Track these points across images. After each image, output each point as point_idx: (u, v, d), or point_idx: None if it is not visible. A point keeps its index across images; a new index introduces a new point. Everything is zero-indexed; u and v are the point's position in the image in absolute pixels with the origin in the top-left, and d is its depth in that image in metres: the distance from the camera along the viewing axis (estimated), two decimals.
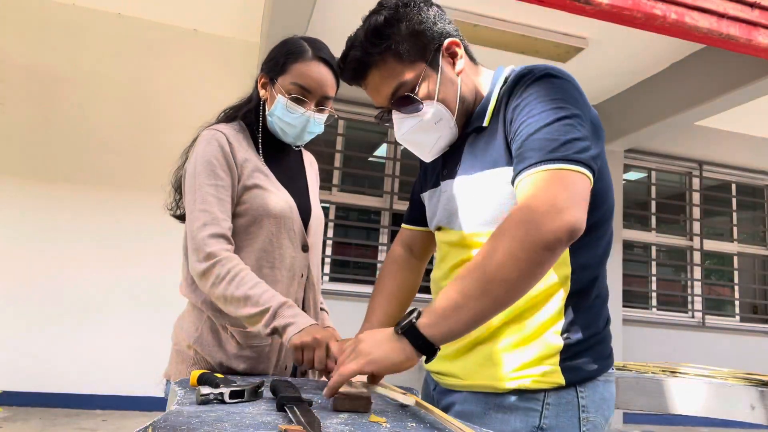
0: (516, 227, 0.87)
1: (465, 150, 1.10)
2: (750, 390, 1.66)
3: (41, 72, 4.40)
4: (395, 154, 5.21)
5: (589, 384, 1.01)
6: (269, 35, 3.77)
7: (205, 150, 1.31)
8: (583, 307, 1.02)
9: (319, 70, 1.35)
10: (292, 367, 1.40)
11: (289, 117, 1.35)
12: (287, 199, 1.36)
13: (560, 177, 0.89)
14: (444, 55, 1.07)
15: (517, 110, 0.99)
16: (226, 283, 1.19)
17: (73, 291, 4.24)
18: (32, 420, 3.73)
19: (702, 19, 3.08)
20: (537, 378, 0.99)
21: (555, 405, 0.99)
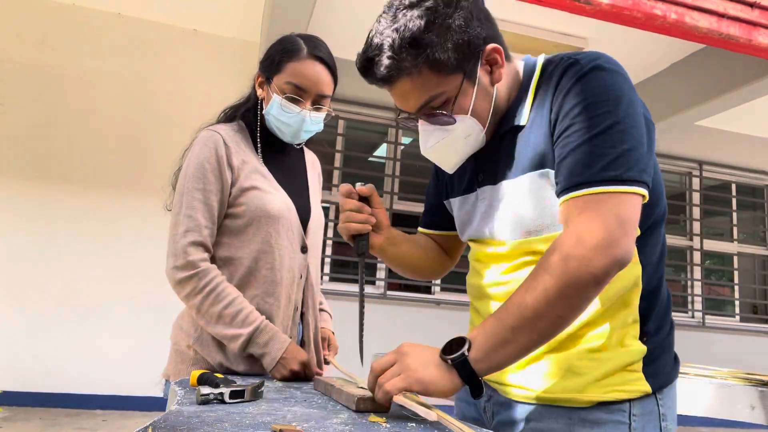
0: (565, 263, 0.82)
1: (503, 152, 1.00)
2: (750, 390, 1.66)
3: (41, 72, 4.40)
4: (395, 154, 5.21)
5: (666, 390, 0.96)
6: (269, 35, 3.77)
7: (200, 153, 1.31)
8: (656, 307, 0.98)
9: (315, 69, 1.34)
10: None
11: (284, 116, 1.34)
12: (285, 200, 1.36)
13: (612, 203, 0.83)
14: (482, 62, 0.96)
15: (563, 110, 0.90)
16: (203, 297, 1.23)
17: (72, 291, 4.23)
18: (32, 420, 3.73)
19: (702, 19, 3.08)
20: (623, 387, 0.92)
21: (641, 415, 0.93)
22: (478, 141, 1.01)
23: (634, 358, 0.93)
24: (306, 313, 1.41)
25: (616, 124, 0.86)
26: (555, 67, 0.96)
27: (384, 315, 4.69)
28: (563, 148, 0.89)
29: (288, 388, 1.12)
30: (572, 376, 0.93)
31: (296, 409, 0.89)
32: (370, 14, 4.60)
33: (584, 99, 0.88)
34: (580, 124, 0.87)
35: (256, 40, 4.81)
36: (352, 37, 4.74)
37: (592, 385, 0.92)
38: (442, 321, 4.96)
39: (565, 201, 0.87)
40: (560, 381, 0.94)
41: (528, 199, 0.96)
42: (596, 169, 0.84)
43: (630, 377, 0.93)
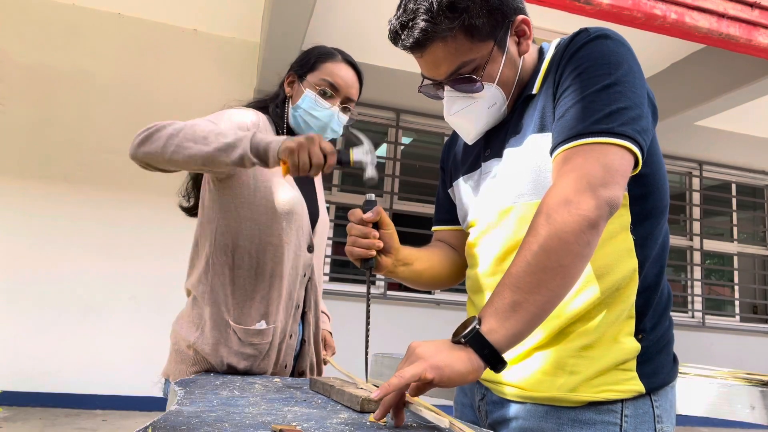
0: (556, 211, 0.81)
1: (512, 123, 1.01)
2: (750, 390, 1.66)
3: (41, 72, 4.40)
4: (395, 154, 5.21)
5: (662, 391, 0.93)
6: (269, 35, 3.77)
7: (231, 111, 1.34)
8: (653, 304, 0.94)
9: (348, 72, 1.43)
10: (292, 366, 1.40)
11: (315, 110, 1.40)
12: (300, 198, 1.38)
13: (598, 152, 0.83)
14: (512, 33, 0.97)
15: (566, 72, 0.92)
16: (188, 130, 1.15)
17: (73, 291, 4.24)
18: (32, 420, 3.73)
19: (702, 19, 3.08)
20: (615, 387, 0.90)
21: (633, 416, 0.90)
22: (500, 112, 1.02)
23: (628, 356, 0.91)
24: (308, 312, 1.41)
25: (614, 84, 0.87)
26: (565, 38, 0.98)
27: (384, 315, 4.69)
28: (560, 108, 0.90)
29: (288, 388, 1.12)
30: (564, 374, 0.91)
31: (296, 409, 0.89)
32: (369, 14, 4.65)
33: (586, 61, 0.90)
34: (578, 84, 0.88)
35: (256, 40, 4.81)
36: (352, 38, 4.75)
37: (583, 385, 0.90)
38: (442, 321, 4.96)
39: (557, 155, 0.88)
40: (552, 379, 0.92)
41: (528, 161, 0.95)
42: (588, 123, 0.85)
43: (623, 376, 0.90)
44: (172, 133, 1.16)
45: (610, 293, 0.92)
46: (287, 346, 1.34)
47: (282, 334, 1.34)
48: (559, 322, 0.92)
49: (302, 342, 1.41)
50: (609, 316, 0.91)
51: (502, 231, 0.99)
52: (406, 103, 5.19)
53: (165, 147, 1.16)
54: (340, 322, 5.71)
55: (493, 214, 1.02)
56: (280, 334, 1.33)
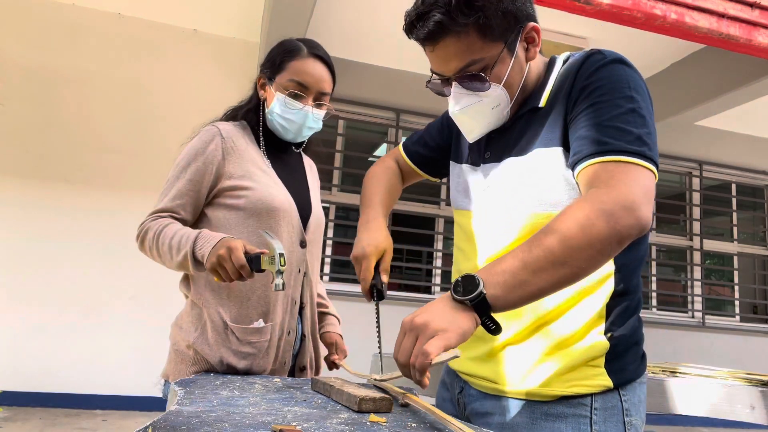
0: (596, 217, 0.84)
1: (515, 132, 1.05)
2: (750, 390, 1.66)
3: (41, 72, 4.40)
4: None
5: (629, 386, 0.99)
6: (269, 35, 3.77)
7: (195, 143, 1.37)
8: (624, 306, 0.99)
9: (315, 66, 1.39)
10: (291, 363, 1.40)
11: (288, 113, 1.39)
12: (286, 194, 1.38)
13: (638, 174, 0.88)
14: (522, 38, 1.01)
15: (586, 91, 0.95)
16: (156, 243, 1.29)
17: (72, 291, 4.23)
18: (32, 420, 3.73)
19: (702, 19, 3.08)
20: (585, 382, 0.96)
21: (602, 409, 0.96)
22: (502, 114, 1.05)
23: (597, 353, 0.96)
24: (305, 307, 1.42)
25: (639, 109, 0.92)
26: (578, 57, 1.02)
27: (383, 315, 4.68)
28: (583, 123, 0.93)
29: (288, 388, 1.12)
30: (535, 370, 0.97)
31: (296, 409, 0.89)
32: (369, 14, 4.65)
33: (608, 83, 0.94)
34: (603, 104, 0.92)
35: (256, 40, 4.81)
36: (352, 37, 4.75)
37: (555, 380, 0.96)
38: None
39: (591, 165, 0.90)
40: (525, 375, 0.98)
41: (536, 173, 0.99)
42: (623, 141, 0.89)
43: (591, 372, 0.96)
44: (150, 245, 1.32)
45: (584, 295, 0.97)
46: (285, 343, 1.36)
47: (280, 331, 1.34)
48: (533, 317, 0.98)
49: (302, 337, 1.42)
50: (581, 315, 0.97)
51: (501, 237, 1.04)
52: (406, 103, 5.19)
53: (152, 258, 1.35)
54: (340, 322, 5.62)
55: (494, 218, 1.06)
56: (278, 332, 1.34)
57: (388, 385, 1.08)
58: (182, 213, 1.33)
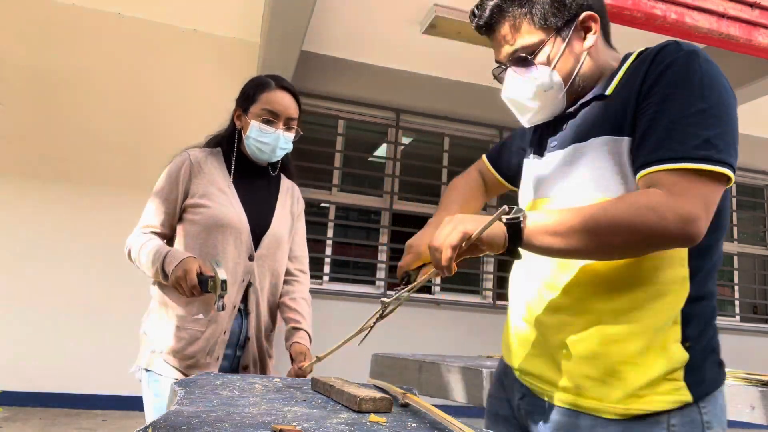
0: (649, 210, 0.84)
1: (579, 120, 1.04)
2: (750, 390, 1.66)
3: (41, 72, 4.40)
4: (395, 154, 5.21)
5: (709, 397, 0.93)
6: (269, 35, 3.77)
7: (169, 168, 1.65)
8: (700, 312, 0.95)
9: (283, 97, 1.65)
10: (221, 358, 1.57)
11: (262, 137, 1.62)
12: (239, 213, 1.60)
13: (702, 184, 0.86)
14: (578, 27, 1.03)
15: (658, 85, 0.92)
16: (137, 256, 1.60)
17: (73, 291, 4.23)
18: (32, 420, 3.73)
19: (702, 19, 3.08)
20: (664, 398, 0.90)
21: (680, 426, 0.90)
22: (557, 99, 1.06)
23: (676, 365, 0.91)
24: (250, 313, 1.62)
25: (710, 108, 0.89)
26: (653, 48, 0.99)
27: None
28: (647, 121, 0.92)
29: (288, 388, 1.12)
30: (613, 381, 0.92)
31: (296, 409, 0.89)
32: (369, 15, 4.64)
33: (680, 79, 0.91)
34: (672, 102, 0.90)
35: (256, 40, 4.81)
36: (352, 37, 4.75)
37: (630, 395, 0.91)
38: (442, 321, 4.96)
39: (654, 172, 0.89)
40: (599, 386, 0.93)
41: (597, 160, 0.97)
42: (690, 145, 0.87)
43: (671, 386, 0.90)
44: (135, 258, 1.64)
45: (655, 297, 0.93)
46: (221, 341, 1.56)
47: (219, 329, 1.55)
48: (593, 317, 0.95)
49: (246, 339, 1.62)
50: (655, 321, 0.92)
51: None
52: (406, 103, 5.19)
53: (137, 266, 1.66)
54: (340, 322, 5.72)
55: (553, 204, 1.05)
56: (217, 329, 1.55)
57: (388, 385, 1.09)
58: (161, 228, 1.62)
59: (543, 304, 1.02)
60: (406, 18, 4.25)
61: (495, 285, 5.27)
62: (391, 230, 5.10)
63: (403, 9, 4.13)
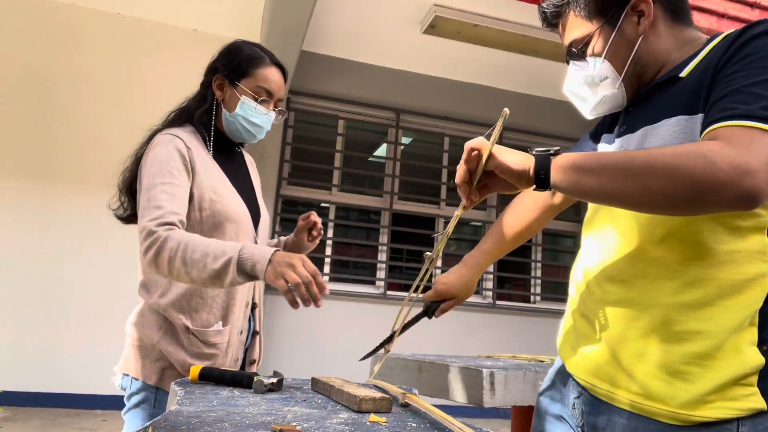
0: (698, 156, 0.76)
1: (651, 102, 1.00)
2: None
3: (41, 72, 4.40)
4: (395, 154, 5.21)
5: None
6: (269, 35, 3.77)
7: (162, 152, 1.34)
8: None
9: (278, 74, 1.47)
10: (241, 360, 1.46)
11: (255, 117, 1.43)
12: (240, 203, 1.42)
13: (765, 138, 0.76)
14: (629, 13, 1.00)
15: (734, 58, 0.87)
16: (182, 252, 1.19)
17: (73, 291, 4.23)
18: (32, 420, 3.73)
19: (702, 19, 3.08)
20: (734, 404, 0.83)
21: None
22: (614, 88, 1.04)
23: (750, 369, 0.83)
24: (256, 306, 1.51)
25: None
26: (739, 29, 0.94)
27: (384, 315, 4.69)
28: (723, 89, 0.85)
29: (288, 388, 1.12)
30: (678, 382, 0.85)
31: (296, 409, 0.89)
32: (369, 14, 4.63)
33: (760, 51, 0.85)
34: (746, 71, 0.84)
35: (256, 40, 4.81)
36: (352, 37, 4.75)
37: (698, 400, 0.84)
38: (442, 321, 4.95)
39: (714, 129, 0.82)
40: (664, 386, 0.86)
41: (667, 142, 0.90)
42: (757, 106, 0.80)
43: (743, 392, 0.83)
44: (171, 257, 1.20)
45: (729, 293, 0.85)
46: (239, 342, 1.43)
47: (237, 332, 1.42)
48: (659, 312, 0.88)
49: (254, 333, 1.51)
50: (728, 320, 0.85)
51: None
52: (406, 103, 5.19)
53: (169, 271, 1.22)
54: (340, 322, 5.69)
55: None
56: (236, 333, 1.41)
57: (388, 385, 1.09)
58: (184, 218, 1.30)
59: (605, 298, 0.97)
60: (406, 18, 4.25)
61: (495, 285, 5.27)
62: (391, 230, 5.10)
63: (403, 9, 4.13)
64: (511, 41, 4.26)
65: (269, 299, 4.39)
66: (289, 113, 4.84)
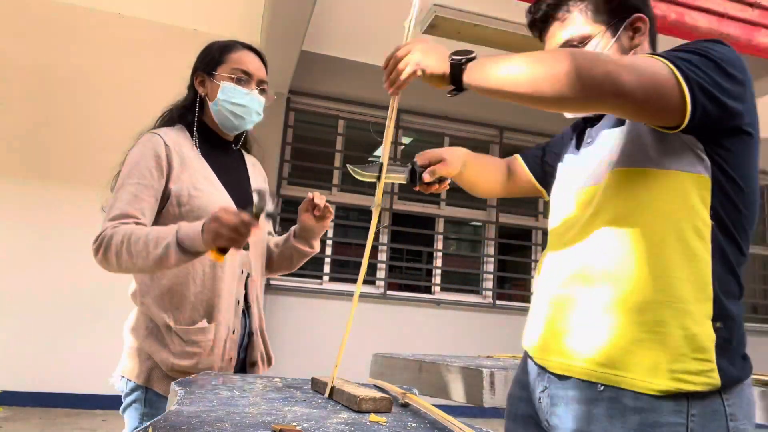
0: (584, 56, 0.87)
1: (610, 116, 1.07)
2: None
3: (41, 72, 4.40)
4: (395, 154, 5.21)
5: (734, 389, 0.90)
6: (269, 35, 3.77)
7: (137, 151, 1.40)
8: (731, 290, 0.93)
9: (253, 57, 1.50)
10: (236, 358, 1.44)
11: (237, 98, 1.44)
12: (226, 199, 1.41)
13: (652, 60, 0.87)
14: (627, 27, 1.07)
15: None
16: (126, 245, 1.26)
17: (73, 291, 4.23)
18: (32, 420, 3.73)
19: (702, 19, 3.08)
20: (692, 378, 0.87)
21: (700, 416, 0.87)
22: None
23: (705, 343, 0.88)
24: (251, 306, 1.47)
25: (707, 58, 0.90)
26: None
27: (384, 315, 4.69)
28: None
29: (288, 388, 1.12)
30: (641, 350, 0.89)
31: (296, 409, 0.89)
32: (369, 15, 4.63)
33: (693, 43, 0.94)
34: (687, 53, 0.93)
35: (256, 40, 4.81)
36: (352, 38, 4.75)
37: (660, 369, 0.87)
38: (442, 321, 4.96)
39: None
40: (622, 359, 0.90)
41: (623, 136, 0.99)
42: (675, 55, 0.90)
43: (699, 367, 0.87)
44: (116, 251, 1.29)
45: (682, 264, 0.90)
46: (230, 341, 1.40)
47: (226, 330, 1.39)
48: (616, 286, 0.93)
49: (250, 334, 1.48)
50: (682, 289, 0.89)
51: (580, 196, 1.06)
52: (406, 103, 5.20)
53: (119, 267, 1.32)
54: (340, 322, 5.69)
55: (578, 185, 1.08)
56: (225, 331, 1.38)
57: (388, 385, 1.09)
58: (142, 218, 1.33)
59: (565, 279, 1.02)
60: (406, 18, 4.25)
61: (495, 285, 5.27)
62: (391, 230, 5.10)
63: (403, 9, 4.12)
64: (511, 41, 4.26)
65: (269, 299, 4.39)
66: (289, 113, 4.84)
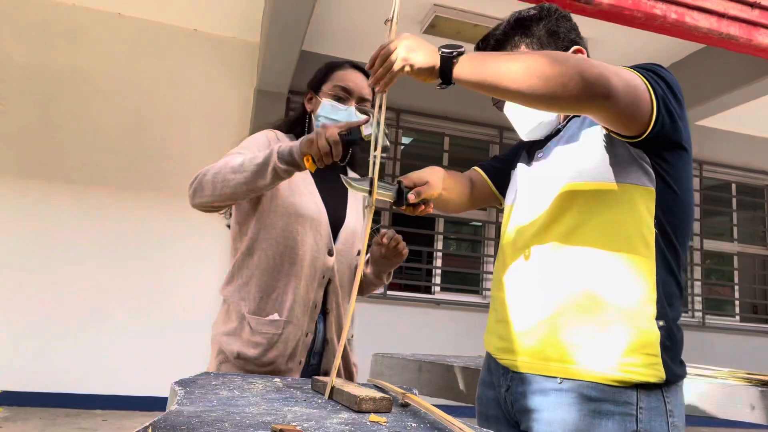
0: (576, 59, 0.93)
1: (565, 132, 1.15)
2: (750, 390, 1.66)
3: (41, 72, 4.40)
4: (395, 154, 5.21)
5: (673, 387, 0.99)
6: (269, 35, 3.77)
7: (250, 137, 1.51)
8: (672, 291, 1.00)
9: (357, 75, 1.56)
10: (305, 362, 1.43)
11: (333, 114, 1.51)
12: (317, 202, 1.48)
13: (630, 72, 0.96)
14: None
15: None
16: (224, 168, 1.30)
17: (73, 291, 4.24)
18: (32, 420, 3.73)
19: (702, 19, 3.08)
20: (640, 370, 0.96)
21: (647, 409, 0.96)
22: (551, 117, 1.16)
23: (651, 340, 0.96)
24: (329, 313, 1.48)
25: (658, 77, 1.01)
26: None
27: (384, 315, 4.69)
28: None
29: (288, 388, 1.12)
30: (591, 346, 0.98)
31: (296, 409, 0.89)
32: (369, 14, 4.63)
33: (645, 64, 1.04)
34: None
35: (256, 40, 4.81)
36: (352, 38, 4.75)
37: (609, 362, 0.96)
38: (442, 321, 4.96)
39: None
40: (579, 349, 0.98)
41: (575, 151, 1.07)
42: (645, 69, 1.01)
43: (647, 360, 0.96)
44: (214, 173, 1.32)
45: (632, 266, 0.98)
46: (302, 344, 1.42)
47: (298, 331, 1.41)
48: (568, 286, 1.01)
49: (325, 341, 1.47)
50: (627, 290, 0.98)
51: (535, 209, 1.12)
52: (406, 103, 5.20)
53: (213, 190, 1.32)
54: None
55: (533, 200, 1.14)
56: (295, 331, 1.40)
57: (388, 385, 1.09)
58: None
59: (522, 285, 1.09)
60: (406, 18, 4.25)
61: None
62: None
63: (403, 9, 4.13)
64: None
65: None
66: (289, 113, 4.84)
